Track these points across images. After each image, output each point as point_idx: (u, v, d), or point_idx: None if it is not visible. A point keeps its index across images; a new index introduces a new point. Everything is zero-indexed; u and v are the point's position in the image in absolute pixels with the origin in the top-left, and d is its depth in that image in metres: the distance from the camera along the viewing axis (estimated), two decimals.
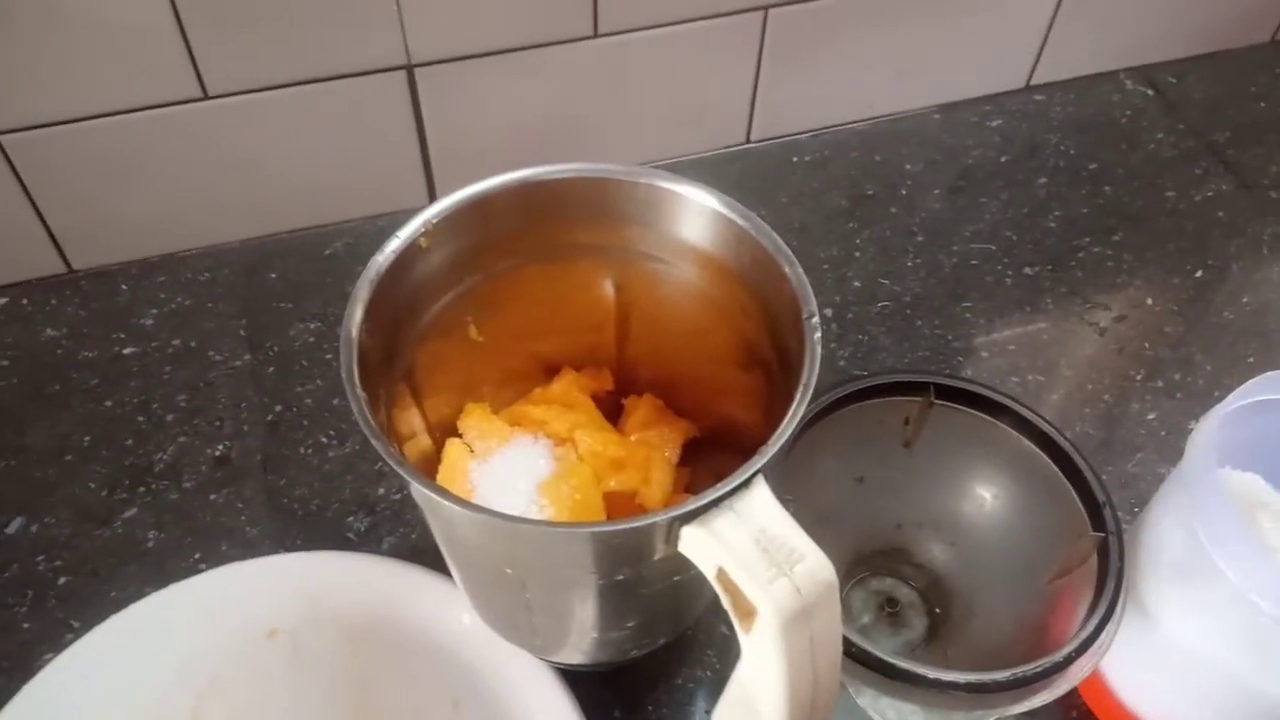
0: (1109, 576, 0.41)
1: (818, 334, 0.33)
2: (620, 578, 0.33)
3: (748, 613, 0.30)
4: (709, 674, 0.47)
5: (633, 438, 0.43)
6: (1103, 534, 0.42)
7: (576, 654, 0.39)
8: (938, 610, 0.49)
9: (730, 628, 0.44)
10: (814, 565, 0.29)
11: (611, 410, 0.46)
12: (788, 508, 0.30)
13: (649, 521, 0.29)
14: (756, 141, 0.70)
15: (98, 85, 0.54)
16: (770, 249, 0.35)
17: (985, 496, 0.47)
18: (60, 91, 0.53)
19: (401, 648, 0.46)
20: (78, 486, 0.53)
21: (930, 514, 0.49)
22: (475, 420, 0.42)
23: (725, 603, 0.31)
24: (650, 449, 0.42)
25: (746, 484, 0.30)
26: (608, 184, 0.38)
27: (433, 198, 0.66)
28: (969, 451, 0.47)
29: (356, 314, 0.33)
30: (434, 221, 0.37)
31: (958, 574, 0.48)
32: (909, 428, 0.47)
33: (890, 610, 0.49)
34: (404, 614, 0.47)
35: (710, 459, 0.45)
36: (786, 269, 0.35)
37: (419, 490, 0.30)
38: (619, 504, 0.42)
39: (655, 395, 0.45)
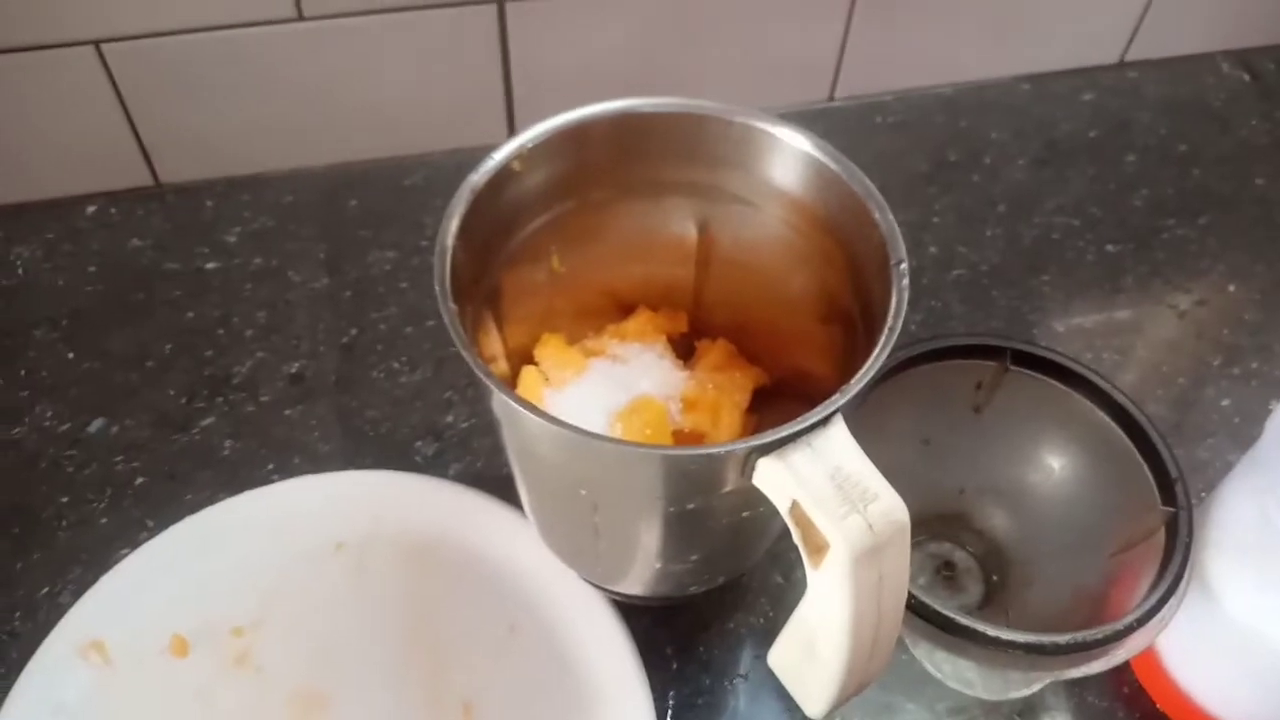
0: (1176, 551, 0.40)
1: (905, 280, 0.33)
2: (691, 506, 0.33)
3: (818, 548, 0.31)
4: (761, 621, 0.48)
5: (702, 377, 0.44)
6: (1173, 509, 0.41)
7: (637, 585, 0.40)
8: (994, 577, 0.49)
9: (785, 576, 0.44)
10: (888, 505, 0.30)
11: (684, 352, 0.46)
12: None
13: (728, 449, 0.29)
14: (840, 100, 0.69)
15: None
16: (862, 194, 0.35)
17: (1053, 466, 0.47)
18: (161, 2, 0.54)
19: (462, 570, 0.47)
20: (157, 393, 0.54)
21: (995, 481, 0.49)
22: (551, 350, 0.42)
23: (796, 537, 0.31)
24: (721, 392, 0.42)
25: (824, 422, 0.30)
26: (703, 120, 0.38)
27: (513, 134, 0.66)
28: (1040, 420, 0.47)
29: (452, 226, 0.33)
30: (529, 146, 0.37)
31: (1018, 542, 0.48)
32: (981, 392, 0.47)
33: (947, 574, 0.49)
34: (466, 537, 0.48)
35: (778, 408, 0.45)
36: (877, 215, 0.35)
37: (501, 401, 0.30)
38: (686, 442, 0.42)
39: (728, 340, 0.46)
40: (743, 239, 0.41)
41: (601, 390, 0.41)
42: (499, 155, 0.36)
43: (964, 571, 0.49)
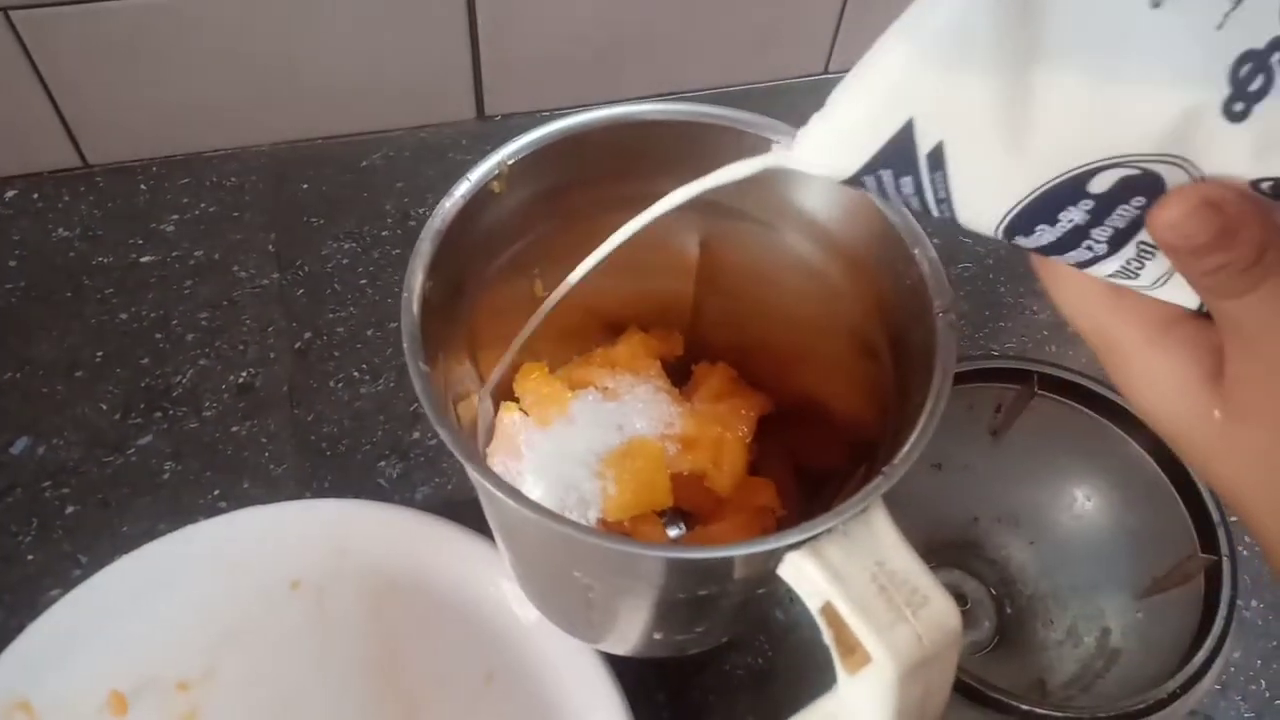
0: (1219, 605, 0.37)
1: (954, 335, 0.28)
2: (701, 594, 0.29)
3: (852, 649, 0.27)
4: (760, 661, 0.44)
5: (702, 409, 0.39)
6: (1214, 556, 0.38)
7: (631, 649, 0.36)
8: (1008, 610, 0.45)
9: (785, 612, 0.40)
10: (940, 611, 0.26)
11: (679, 375, 0.41)
12: None
13: (748, 551, 0.25)
14: (837, 72, 0.64)
15: None
16: (899, 226, 0.31)
17: (1077, 496, 0.44)
18: None
19: (433, 610, 0.43)
20: (88, 406, 0.49)
21: (1012, 510, 0.45)
22: (533, 383, 0.37)
23: (827, 637, 0.27)
24: (722, 426, 0.38)
25: (863, 503, 0.26)
26: (711, 130, 0.33)
27: (481, 111, 0.61)
28: (1065, 448, 0.43)
29: (418, 278, 0.28)
30: (509, 163, 0.32)
31: (1035, 576, 0.45)
32: (1000, 416, 0.43)
33: (961, 607, 0.45)
34: (437, 574, 0.44)
35: (783, 434, 0.41)
36: (916, 251, 0.30)
37: (486, 488, 0.26)
38: (685, 485, 0.38)
39: (729, 362, 0.41)
40: (751, 260, 0.37)
41: (589, 430, 0.37)
42: (474, 176, 0.31)
43: (976, 604, 0.46)
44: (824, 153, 0.22)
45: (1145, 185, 0.20)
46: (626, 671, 0.41)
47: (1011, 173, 0.20)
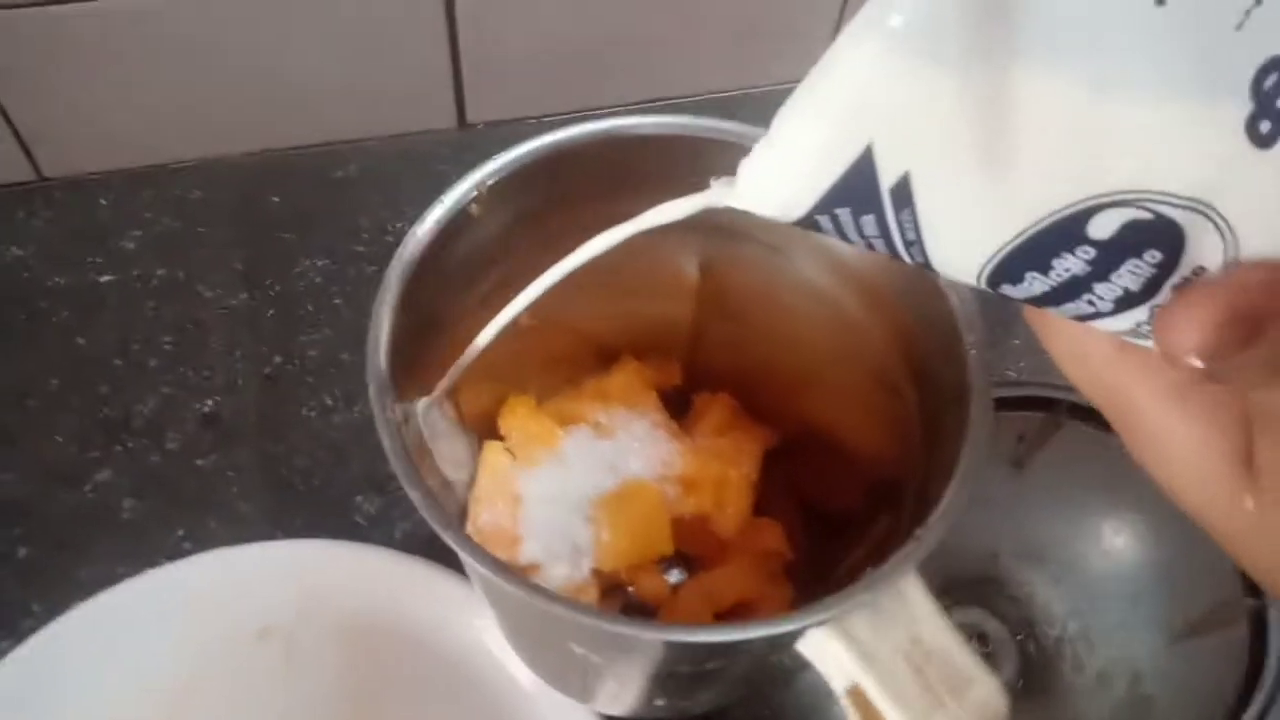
0: (1269, 654, 0.34)
1: (986, 375, 0.25)
2: (710, 667, 0.26)
3: None
4: (765, 711, 0.41)
5: (703, 445, 0.36)
6: (1260, 601, 0.35)
7: (631, 712, 0.33)
8: (1032, 652, 0.42)
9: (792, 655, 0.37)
10: (984, 695, 0.23)
11: (676, 405, 0.38)
12: None
13: (764, 634, 0.22)
14: None
15: None
16: None
17: (1105, 531, 0.41)
18: None
19: (414, 661, 0.40)
20: (42, 440, 0.45)
21: (1035, 544, 0.42)
22: (520, 419, 0.34)
23: (853, 718, 0.24)
24: (725, 464, 0.35)
25: (895, 575, 0.23)
26: (711, 145, 0.30)
27: (463, 118, 0.57)
28: (1093, 479, 0.40)
29: (386, 315, 0.25)
30: (488, 184, 0.28)
31: (1062, 615, 0.42)
32: (1023, 445, 0.40)
33: (980, 649, 0.42)
34: (419, 621, 0.40)
35: (789, 469, 0.38)
36: (943, 282, 0.27)
37: (467, 562, 0.22)
38: (686, 528, 0.35)
39: (730, 391, 0.38)
40: (756, 284, 0.33)
41: (582, 472, 0.34)
42: (450, 198, 0.28)
43: (998, 645, 0.43)
44: (769, 189, 0.18)
45: (1159, 235, 0.16)
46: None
47: (994, 210, 0.17)
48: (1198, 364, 0.16)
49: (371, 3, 0.50)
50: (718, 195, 0.20)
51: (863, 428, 0.33)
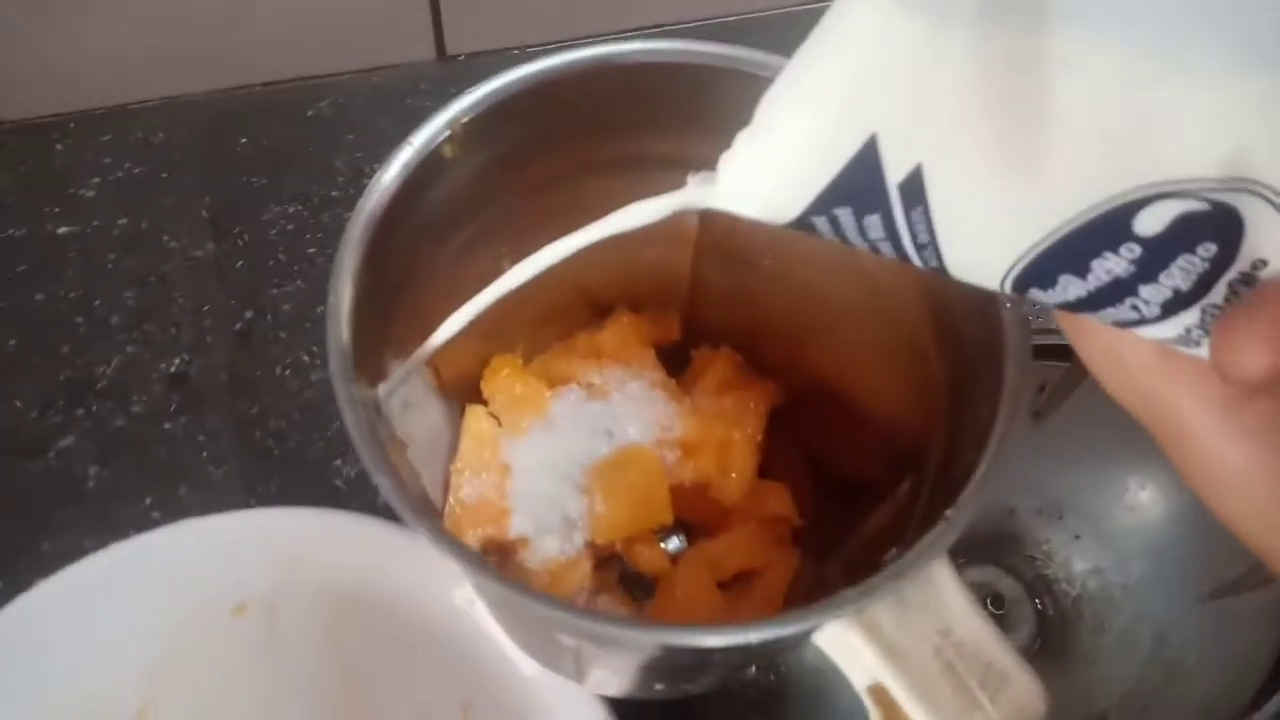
0: None
1: (1025, 332, 0.23)
2: (713, 657, 0.23)
3: None
4: (771, 678, 0.39)
5: (704, 405, 0.33)
6: None
7: (628, 694, 0.31)
8: (1050, 613, 0.40)
9: None
10: (1021, 693, 0.20)
11: (675, 361, 0.35)
12: None
13: (776, 633, 0.20)
14: None
15: None
16: None
17: (1129, 484, 0.38)
18: None
19: (400, 633, 0.38)
20: (0, 404, 0.43)
21: (1055, 500, 0.40)
22: (504, 380, 0.32)
23: (874, 716, 0.22)
24: (729, 425, 0.32)
25: (923, 562, 0.21)
26: (715, 74, 0.26)
27: (442, 49, 0.54)
28: (1117, 430, 0.37)
29: (348, 274, 0.22)
30: (463, 121, 0.25)
31: (1082, 574, 0.40)
32: (1043, 396, 0.38)
33: (994, 610, 0.40)
34: (404, 591, 0.38)
35: (796, 427, 0.35)
36: None
37: (469, 571, 0.20)
38: (686, 496, 0.32)
39: (732, 345, 0.35)
40: (759, 229, 0.30)
41: (572, 437, 0.31)
42: (419, 139, 0.25)
43: (1013, 604, 0.41)
44: (755, 188, 0.16)
45: (1216, 227, 0.14)
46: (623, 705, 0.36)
47: (1023, 205, 0.14)
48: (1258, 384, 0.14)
49: None
50: (695, 195, 0.17)
51: (879, 385, 0.31)
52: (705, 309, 0.35)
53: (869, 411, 0.31)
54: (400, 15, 0.51)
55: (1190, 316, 0.15)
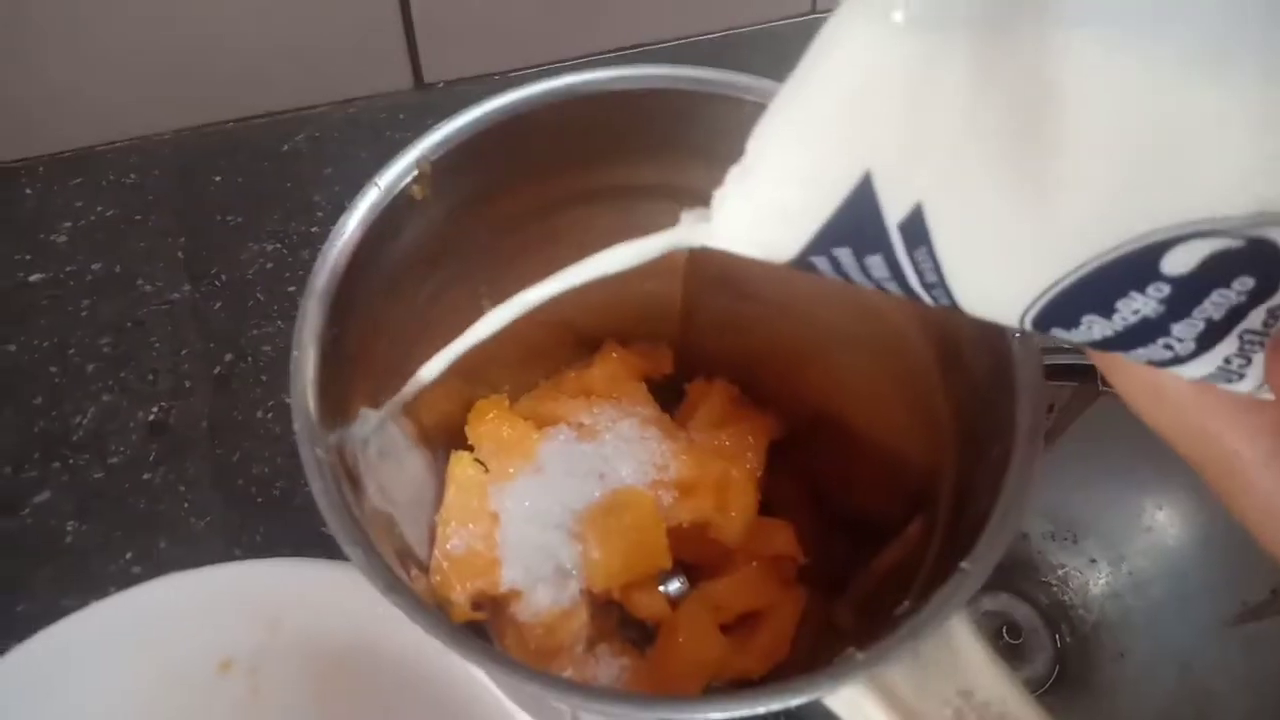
0: None
1: (1036, 363, 0.21)
2: None
3: None
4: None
5: (700, 441, 0.32)
6: None
7: None
8: (1068, 640, 0.39)
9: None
10: None
11: (668, 394, 0.34)
12: None
13: (788, 702, 0.18)
14: (826, 11, 0.56)
15: None
16: None
17: (1146, 506, 0.37)
18: None
19: (391, 692, 0.36)
20: None
21: (1069, 522, 0.38)
22: (490, 425, 0.30)
23: None
24: (727, 461, 0.31)
25: (940, 618, 0.19)
26: (690, 98, 0.25)
27: (419, 78, 0.52)
28: (1132, 450, 0.36)
29: (312, 327, 0.21)
30: (431, 160, 0.24)
31: (1100, 599, 0.38)
32: (1055, 416, 0.36)
33: (1010, 640, 0.39)
34: (395, 648, 0.36)
35: (798, 459, 0.34)
36: None
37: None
38: (685, 538, 0.31)
39: (727, 378, 0.34)
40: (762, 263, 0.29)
41: (563, 481, 0.30)
42: (385, 180, 0.23)
43: (1029, 633, 0.39)
44: (749, 228, 0.15)
45: (1253, 261, 0.13)
46: None
47: (1035, 244, 0.13)
48: None
49: None
50: (689, 234, 0.17)
51: (883, 417, 0.29)
52: (698, 339, 0.34)
53: (873, 444, 0.30)
54: (375, 45, 0.50)
55: (1228, 346, 0.14)
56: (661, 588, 0.32)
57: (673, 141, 0.26)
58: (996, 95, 0.12)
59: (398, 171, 0.24)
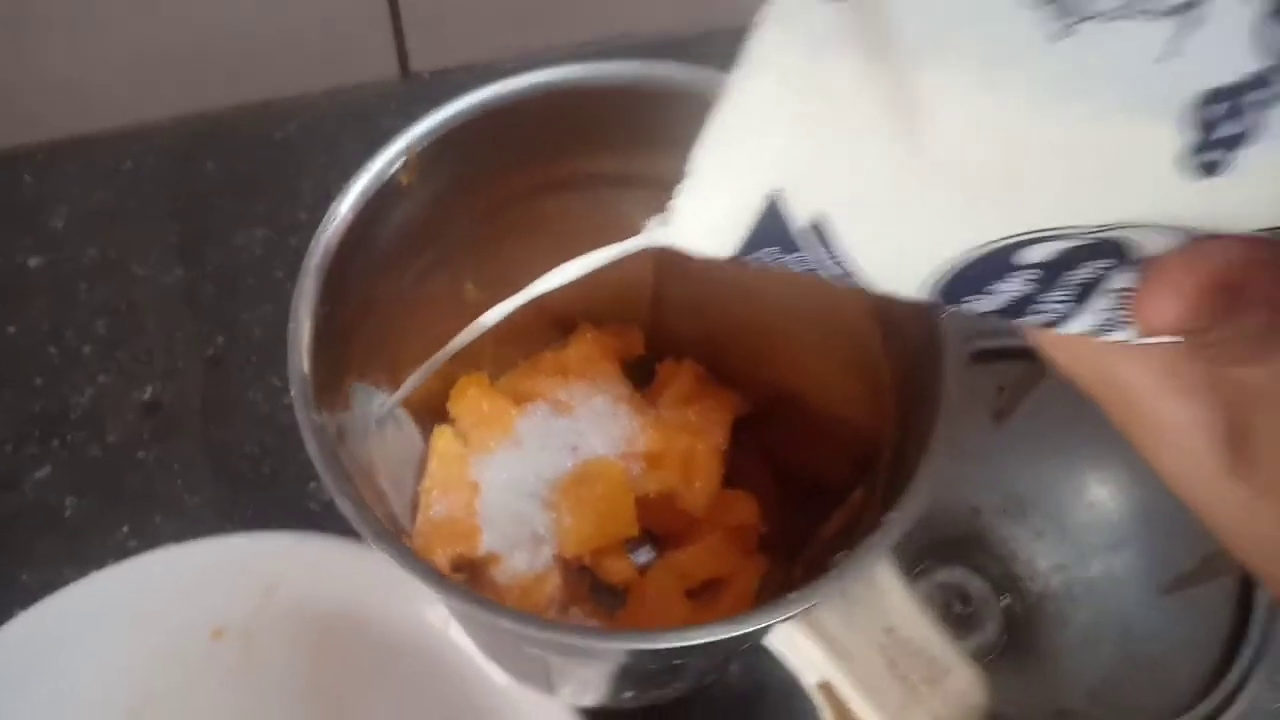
0: (1256, 605, 0.33)
1: (956, 338, 0.23)
2: (676, 663, 0.24)
3: None
4: (749, 683, 0.40)
5: (668, 417, 0.34)
6: None
7: (602, 703, 0.31)
8: (1017, 610, 0.41)
9: None
10: (961, 684, 0.21)
11: (640, 375, 0.36)
12: None
13: (727, 635, 0.20)
14: None
15: None
16: None
17: (1089, 482, 0.39)
18: None
19: (378, 657, 0.38)
20: None
21: (1017, 498, 0.41)
22: (470, 400, 0.32)
23: (826, 715, 0.22)
24: (693, 436, 0.33)
25: (866, 563, 0.21)
26: (672, 96, 0.27)
27: (405, 67, 0.54)
28: (1076, 429, 0.38)
29: (307, 304, 0.23)
30: (418, 149, 0.26)
31: (1045, 571, 0.40)
32: (1003, 396, 0.39)
33: (962, 609, 0.41)
34: (381, 614, 0.39)
35: (762, 436, 0.36)
36: None
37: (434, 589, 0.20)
38: (652, 507, 0.33)
39: (696, 357, 0.36)
40: None
41: (539, 453, 0.32)
42: (375, 167, 0.25)
43: (980, 603, 0.41)
44: (697, 232, 0.18)
45: (1100, 250, 0.15)
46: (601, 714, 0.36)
47: (915, 246, 0.16)
48: (1178, 338, 0.15)
49: None
50: (652, 236, 0.19)
51: (837, 391, 0.31)
52: (668, 322, 0.36)
53: (827, 417, 0.32)
54: (363, 35, 0.52)
55: (1102, 301, 0.16)
56: (630, 556, 0.34)
57: (644, 134, 0.28)
58: (873, 124, 0.14)
59: (387, 159, 0.26)
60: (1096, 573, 0.39)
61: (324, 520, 0.42)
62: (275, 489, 0.42)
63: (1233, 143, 0.13)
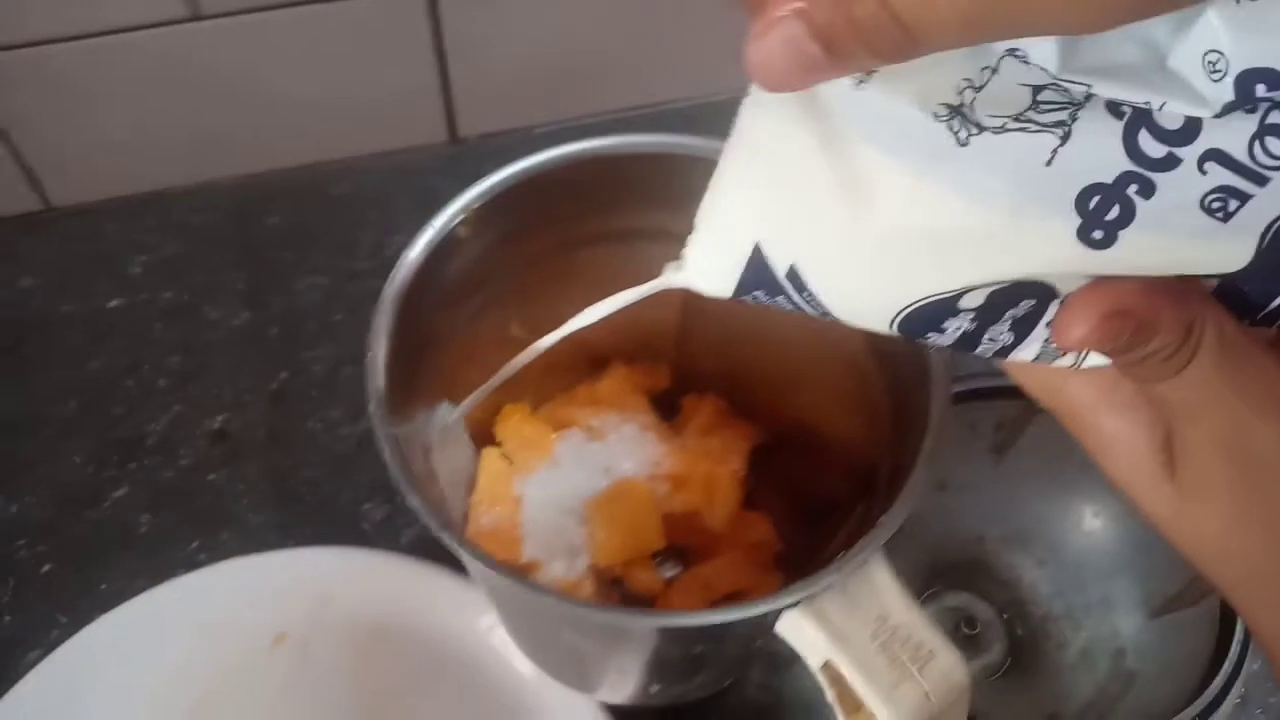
0: (1235, 625, 0.36)
1: (943, 363, 0.27)
2: (697, 650, 0.27)
3: (855, 707, 0.25)
4: (766, 696, 0.43)
5: (692, 445, 0.38)
6: None
7: (630, 700, 0.35)
8: (1020, 632, 0.44)
9: None
10: (946, 666, 0.24)
11: (667, 407, 0.40)
12: None
13: (740, 616, 0.24)
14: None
15: (75, 2, 0.46)
16: None
17: (1085, 513, 0.42)
18: (33, 7, 0.46)
19: (425, 662, 0.42)
20: (60, 462, 0.47)
21: (1019, 528, 0.44)
22: (515, 426, 0.36)
23: (829, 696, 0.26)
24: (714, 462, 0.37)
25: (863, 561, 0.25)
26: (691, 162, 0.31)
27: (454, 133, 0.59)
28: (1071, 463, 0.41)
29: (383, 338, 0.26)
30: (474, 207, 0.30)
31: (1047, 596, 0.43)
32: (1001, 433, 0.42)
33: (968, 631, 0.44)
34: (428, 622, 0.42)
35: (779, 463, 0.39)
36: None
37: (483, 573, 0.24)
38: (678, 523, 0.36)
39: (718, 392, 0.39)
40: None
41: (575, 474, 0.35)
42: (439, 222, 0.29)
43: (986, 626, 0.44)
44: (703, 276, 0.21)
45: (1027, 291, 0.18)
46: (629, 715, 0.39)
47: (873, 293, 0.19)
48: (1107, 361, 0.18)
49: (359, 23, 0.51)
50: (671, 279, 0.22)
51: (843, 419, 0.35)
52: (692, 360, 0.39)
53: (836, 442, 0.35)
54: (414, 102, 0.56)
55: (1040, 332, 0.20)
56: (658, 570, 0.38)
57: (664, 194, 0.32)
58: (828, 196, 0.18)
59: (448, 216, 0.30)
60: (1093, 598, 0.42)
61: (374, 538, 0.46)
62: (331, 510, 0.46)
63: (1117, 224, 0.17)
